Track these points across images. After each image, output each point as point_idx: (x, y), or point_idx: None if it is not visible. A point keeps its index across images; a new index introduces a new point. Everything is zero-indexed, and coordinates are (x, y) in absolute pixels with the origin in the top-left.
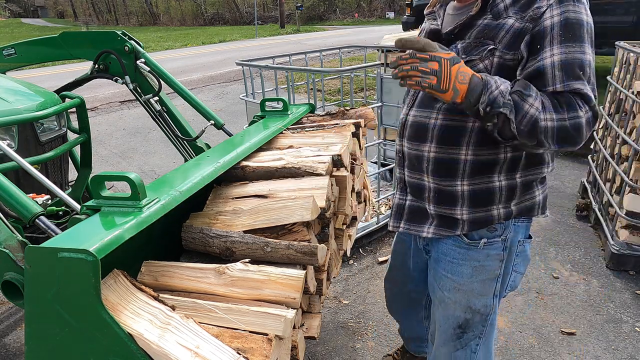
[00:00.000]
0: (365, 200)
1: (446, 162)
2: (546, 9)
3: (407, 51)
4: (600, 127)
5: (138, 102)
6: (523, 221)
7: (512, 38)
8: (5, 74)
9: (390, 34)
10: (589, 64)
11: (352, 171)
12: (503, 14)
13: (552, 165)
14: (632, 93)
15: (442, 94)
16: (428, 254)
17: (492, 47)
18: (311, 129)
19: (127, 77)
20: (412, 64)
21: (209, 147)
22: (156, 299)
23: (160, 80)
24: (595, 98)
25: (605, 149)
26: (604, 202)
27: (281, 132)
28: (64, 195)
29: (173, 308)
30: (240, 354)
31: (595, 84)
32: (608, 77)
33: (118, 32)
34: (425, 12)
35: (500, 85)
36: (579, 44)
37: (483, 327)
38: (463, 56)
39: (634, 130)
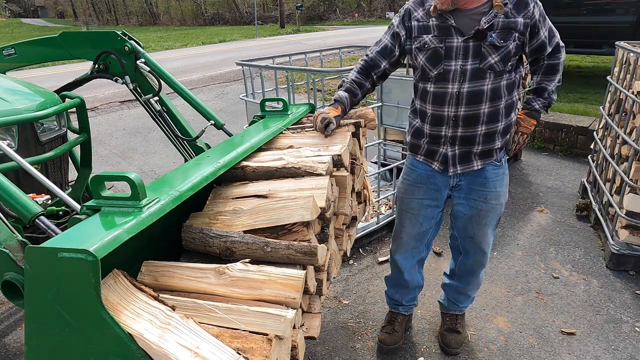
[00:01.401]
0: (365, 200)
1: (493, 113)
2: (533, 9)
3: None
4: (600, 127)
5: (138, 102)
6: None
7: (523, 28)
8: (5, 74)
9: None
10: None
11: (352, 171)
12: (510, 15)
13: None
14: (632, 93)
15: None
16: (456, 187)
17: (515, 34)
18: (311, 129)
19: (127, 77)
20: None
21: (209, 147)
22: (156, 299)
23: (160, 80)
24: None
25: (605, 149)
26: (604, 202)
27: (281, 132)
28: (64, 195)
29: (173, 308)
30: (240, 354)
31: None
32: (608, 77)
33: (118, 32)
34: (432, 12)
35: (540, 103)
36: (548, 22)
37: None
38: (501, 41)
39: (634, 130)
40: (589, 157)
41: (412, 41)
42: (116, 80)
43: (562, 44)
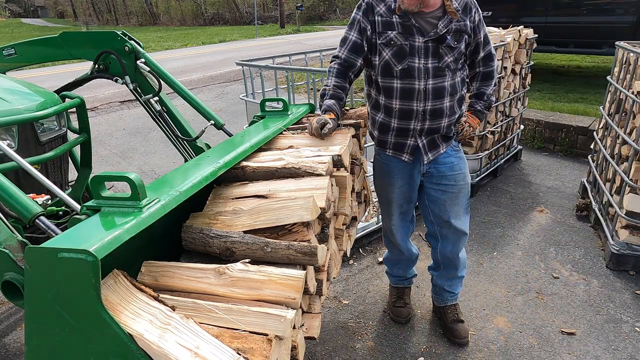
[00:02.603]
0: (365, 200)
1: (452, 106)
2: (475, 13)
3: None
4: (600, 127)
5: (138, 102)
6: None
7: (470, 29)
8: (5, 74)
9: None
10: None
11: (352, 171)
12: (460, 18)
13: None
14: (632, 93)
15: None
16: (426, 174)
17: (465, 35)
18: None
19: (127, 77)
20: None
21: (209, 147)
22: (156, 299)
23: (160, 80)
24: None
25: (605, 149)
26: (604, 202)
27: (281, 133)
28: (64, 195)
29: (173, 308)
30: (240, 354)
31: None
32: (608, 77)
33: (118, 32)
34: (396, 11)
35: (482, 105)
36: (485, 28)
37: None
38: (455, 42)
39: (634, 130)
40: (589, 157)
41: (376, 36)
42: (116, 80)
43: (494, 52)
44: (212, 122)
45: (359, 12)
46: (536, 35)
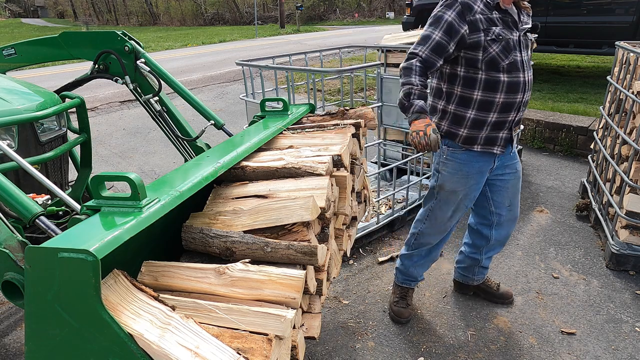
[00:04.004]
0: (365, 200)
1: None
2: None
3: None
4: (600, 127)
5: (138, 102)
6: None
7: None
8: (5, 74)
9: (390, 34)
10: None
11: (352, 171)
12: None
13: None
14: (632, 93)
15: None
16: (493, 167)
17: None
18: (311, 129)
19: (127, 77)
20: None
21: (209, 147)
22: (156, 299)
23: (160, 80)
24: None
25: (605, 149)
26: (604, 202)
27: (281, 132)
28: (64, 195)
29: (173, 308)
30: (240, 354)
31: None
32: (608, 77)
33: (118, 32)
34: (502, 4)
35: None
36: None
37: None
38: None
39: (634, 130)
40: (589, 157)
41: (480, 33)
42: (116, 81)
43: None
44: (212, 122)
45: (450, 11)
46: (536, 35)
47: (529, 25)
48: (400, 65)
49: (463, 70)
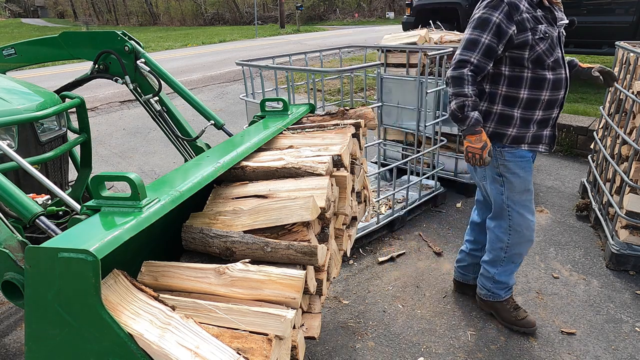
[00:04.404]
0: (365, 200)
1: None
2: None
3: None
4: (600, 127)
5: (138, 102)
6: None
7: None
8: (5, 74)
9: (390, 34)
10: None
11: (352, 171)
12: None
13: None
14: (632, 93)
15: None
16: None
17: None
18: (311, 129)
19: (127, 77)
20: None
21: (209, 147)
22: (156, 299)
23: (160, 80)
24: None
25: (605, 149)
26: (604, 202)
27: (281, 132)
28: (64, 195)
29: (173, 308)
30: (240, 354)
31: None
32: None
33: (118, 32)
34: (545, 3)
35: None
36: None
37: None
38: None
39: (634, 130)
40: (589, 157)
41: (528, 33)
42: (116, 80)
43: None
44: (212, 122)
45: (497, 12)
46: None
47: (566, 21)
48: (449, 74)
49: (508, 70)
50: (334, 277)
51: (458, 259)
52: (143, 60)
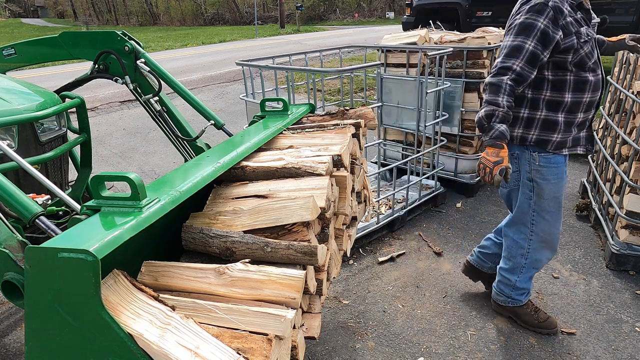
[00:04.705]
0: (365, 200)
1: None
2: None
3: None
4: (600, 127)
5: (138, 102)
6: None
7: None
8: (5, 74)
9: (390, 34)
10: None
11: (352, 171)
12: None
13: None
14: (632, 93)
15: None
16: None
17: None
18: (311, 129)
19: (127, 77)
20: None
21: (209, 147)
22: (156, 299)
23: (160, 80)
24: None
25: (605, 149)
26: (604, 202)
27: (281, 132)
28: (64, 195)
29: (173, 308)
30: (240, 354)
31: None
32: (608, 77)
33: (118, 32)
34: (585, 5)
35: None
36: None
37: None
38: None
39: (634, 130)
40: (589, 157)
41: (573, 37)
42: (116, 80)
43: None
44: (212, 122)
45: (543, 17)
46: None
47: (597, 20)
48: (487, 80)
49: (551, 74)
50: (334, 277)
51: (482, 244)
52: (143, 60)
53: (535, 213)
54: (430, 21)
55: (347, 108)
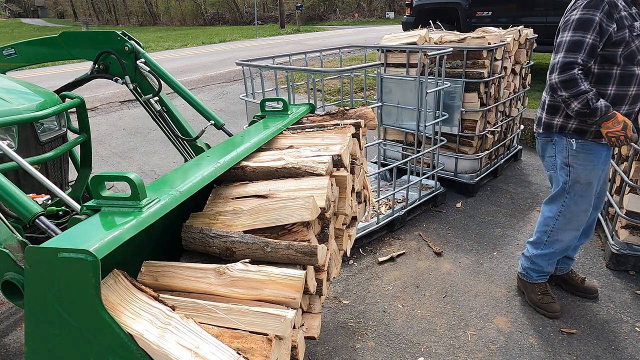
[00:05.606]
0: (365, 200)
1: None
2: None
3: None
4: None
5: (138, 102)
6: None
7: None
8: (5, 74)
9: (390, 34)
10: None
11: (352, 171)
12: None
13: None
14: None
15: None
16: None
17: None
18: (311, 129)
19: (127, 77)
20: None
21: (209, 147)
22: (156, 299)
23: (160, 80)
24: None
25: None
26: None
27: (281, 132)
28: (64, 195)
29: (173, 308)
30: (240, 354)
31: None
32: None
33: (118, 32)
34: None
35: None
36: None
37: None
38: None
39: None
40: None
41: (625, 30)
42: (116, 80)
43: None
44: (212, 122)
45: (598, 12)
46: (536, 35)
47: None
48: (556, 79)
49: (597, 67)
50: (334, 277)
51: None
52: (143, 60)
53: (569, 196)
54: (430, 21)
55: (347, 108)
